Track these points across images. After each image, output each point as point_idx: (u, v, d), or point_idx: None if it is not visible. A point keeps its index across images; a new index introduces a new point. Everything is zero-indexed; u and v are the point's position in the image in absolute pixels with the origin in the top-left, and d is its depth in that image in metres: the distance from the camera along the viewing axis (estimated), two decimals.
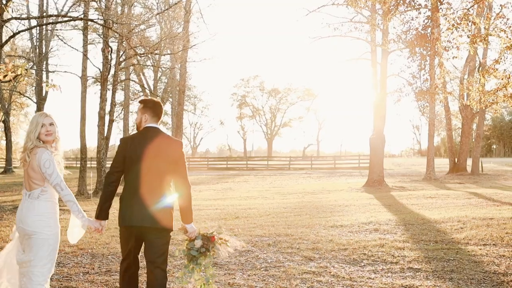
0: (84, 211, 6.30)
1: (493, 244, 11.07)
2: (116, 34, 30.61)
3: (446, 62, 22.28)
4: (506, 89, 16.73)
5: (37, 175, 6.04)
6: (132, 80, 50.99)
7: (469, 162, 50.42)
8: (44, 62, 42.70)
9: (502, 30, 15.60)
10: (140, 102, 6.36)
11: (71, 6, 36.91)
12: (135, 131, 6.74)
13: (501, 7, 15.55)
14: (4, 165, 63.16)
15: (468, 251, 10.45)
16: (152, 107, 6.22)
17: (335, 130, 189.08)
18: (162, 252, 6.19)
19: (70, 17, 25.05)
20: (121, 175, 6.16)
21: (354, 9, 33.88)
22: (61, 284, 8.35)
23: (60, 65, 57.13)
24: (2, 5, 18.56)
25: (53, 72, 40.82)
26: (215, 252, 6.53)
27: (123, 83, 47.63)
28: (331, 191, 30.93)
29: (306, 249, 10.97)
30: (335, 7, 35.08)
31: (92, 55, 61.04)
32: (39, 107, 43.96)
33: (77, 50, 36.62)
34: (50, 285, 7.70)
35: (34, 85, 48.81)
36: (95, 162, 32.89)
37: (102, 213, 6.14)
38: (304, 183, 40.31)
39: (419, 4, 16.25)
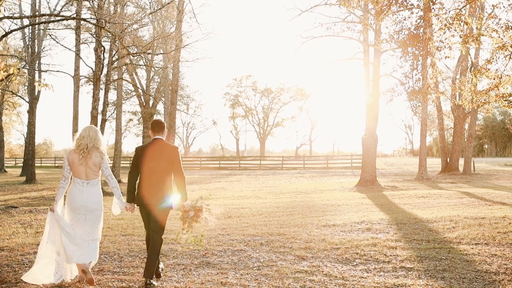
0: None
1: (485, 243, 11.12)
2: (108, 33, 30.59)
3: (439, 62, 22.35)
4: (498, 89, 16.78)
5: (97, 169, 8.64)
6: (125, 80, 50.77)
7: (461, 161, 50.57)
8: (37, 62, 42.47)
9: (494, 30, 15.64)
10: (150, 124, 9.02)
11: (64, 6, 36.94)
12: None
13: (493, 7, 15.61)
14: None
15: (460, 250, 10.49)
16: (153, 126, 8.93)
17: (328, 130, 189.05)
18: (162, 222, 8.63)
19: (62, 16, 24.93)
20: (138, 172, 8.71)
21: (347, 9, 33.90)
22: (53, 284, 8.34)
23: (52, 65, 56.89)
24: None
25: (46, 71, 40.67)
26: (202, 219, 8.71)
27: (116, 82, 47.58)
28: (324, 190, 30.95)
29: (298, 248, 10.99)
30: (327, 7, 35.15)
31: (84, 54, 60.97)
32: (32, 107, 43.77)
33: (69, 49, 36.38)
34: (43, 285, 8.28)
35: (27, 84, 48.63)
36: None
37: (130, 198, 8.76)
38: (296, 183, 40.33)
39: (412, 4, 16.25)
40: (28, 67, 41.45)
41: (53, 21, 27.41)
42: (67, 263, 8.52)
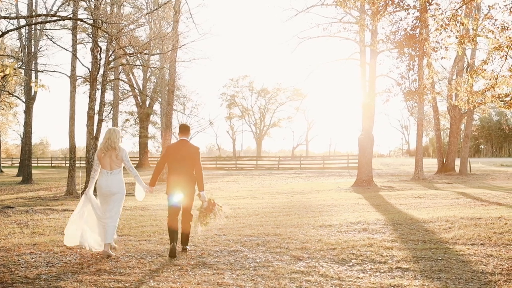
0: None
1: (481, 244, 11.13)
2: (105, 33, 30.55)
3: (435, 63, 22.38)
4: (494, 90, 16.78)
5: (119, 161, 10.88)
6: (122, 80, 50.84)
7: (457, 162, 50.61)
8: (33, 62, 42.40)
9: (490, 31, 15.66)
10: (179, 126, 11.42)
11: (60, 6, 36.84)
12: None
13: (489, 8, 15.62)
14: None
15: (456, 251, 10.50)
16: (182, 129, 11.33)
17: (324, 130, 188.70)
18: (189, 206, 11.05)
19: (59, 16, 24.93)
20: (165, 164, 11.20)
21: (343, 10, 33.95)
22: (50, 284, 8.34)
23: (49, 65, 56.88)
24: None
25: (42, 71, 40.58)
26: (215, 213, 11.01)
27: (113, 82, 47.69)
28: (320, 191, 30.96)
29: (295, 248, 11.00)
30: (324, 8, 35.15)
31: (81, 54, 61.10)
32: (28, 107, 43.77)
33: (66, 49, 36.27)
34: (39, 285, 8.30)
35: (23, 84, 48.59)
36: (84, 162, 32.80)
37: (153, 183, 11.31)
38: (293, 183, 40.34)
39: (408, 5, 16.33)
40: (24, 67, 41.42)
41: (49, 21, 27.42)
42: (91, 237, 10.88)
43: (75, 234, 10.78)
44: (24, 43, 42.68)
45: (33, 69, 42.10)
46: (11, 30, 22.87)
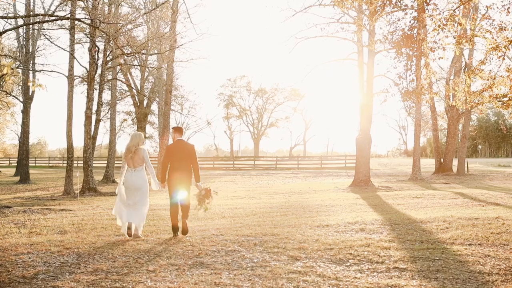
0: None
1: (479, 244, 11.13)
2: (103, 33, 30.54)
3: (432, 63, 22.36)
4: (492, 90, 16.77)
5: (141, 160, 12.70)
6: (119, 80, 50.72)
7: (455, 162, 50.67)
8: (31, 61, 42.43)
9: (487, 31, 15.66)
10: (172, 128, 13.21)
11: (58, 5, 36.86)
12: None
13: (487, 8, 15.63)
14: None
15: (454, 251, 10.49)
16: (177, 130, 13.13)
17: (322, 130, 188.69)
18: (188, 201, 12.75)
19: (57, 16, 24.92)
20: (169, 162, 12.78)
21: (341, 10, 33.94)
22: (47, 284, 8.32)
23: (47, 65, 56.69)
24: None
25: (40, 71, 40.57)
26: (210, 198, 13.09)
27: (110, 82, 47.52)
28: (318, 191, 30.97)
29: (292, 248, 10.99)
30: (322, 8, 35.08)
31: (79, 54, 60.88)
32: (26, 107, 43.77)
33: (64, 49, 36.20)
34: (36, 285, 8.28)
35: (21, 84, 48.62)
36: (82, 162, 32.76)
37: (163, 179, 13.04)
38: (290, 183, 40.34)
39: (406, 5, 16.30)
40: (22, 67, 41.42)
41: (47, 21, 27.40)
42: (124, 221, 12.77)
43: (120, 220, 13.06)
44: (21, 43, 42.69)
45: (31, 69, 42.11)
46: (9, 29, 22.86)
